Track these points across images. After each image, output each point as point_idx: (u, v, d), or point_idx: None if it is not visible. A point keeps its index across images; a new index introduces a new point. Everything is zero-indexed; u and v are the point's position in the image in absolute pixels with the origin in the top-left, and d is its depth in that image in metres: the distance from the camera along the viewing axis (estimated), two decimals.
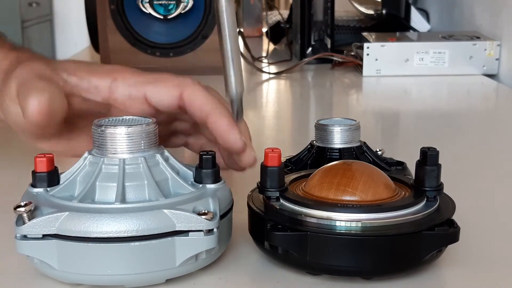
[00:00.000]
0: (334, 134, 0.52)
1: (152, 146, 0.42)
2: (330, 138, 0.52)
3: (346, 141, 0.52)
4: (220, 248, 0.41)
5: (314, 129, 0.53)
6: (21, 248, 0.38)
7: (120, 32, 1.18)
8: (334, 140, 0.52)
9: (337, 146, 0.52)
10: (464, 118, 0.95)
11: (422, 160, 0.42)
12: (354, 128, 0.52)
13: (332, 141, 0.52)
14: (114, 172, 0.40)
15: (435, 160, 0.42)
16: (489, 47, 1.21)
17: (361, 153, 0.52)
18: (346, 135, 0.52)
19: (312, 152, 0.52)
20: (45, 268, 0.39)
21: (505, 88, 1.13)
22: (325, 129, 0.52)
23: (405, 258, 0.39)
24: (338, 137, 0.52)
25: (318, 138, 0.53)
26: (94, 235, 0.37)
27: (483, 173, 0.65)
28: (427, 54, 1.21)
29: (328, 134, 0.52)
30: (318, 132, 0.53)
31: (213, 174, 0.42)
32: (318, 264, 0.40)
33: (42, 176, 0.41)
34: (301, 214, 0.40)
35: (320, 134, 0.53)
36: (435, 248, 0.40)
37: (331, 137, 0.52)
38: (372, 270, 0.40)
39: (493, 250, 0.46)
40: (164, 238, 0.38)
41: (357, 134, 0.53)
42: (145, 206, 0.39)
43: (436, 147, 0.42)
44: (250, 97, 1.15)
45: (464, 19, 1.44)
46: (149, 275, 0.39)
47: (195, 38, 1.19)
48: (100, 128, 0.41)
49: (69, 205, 0.39)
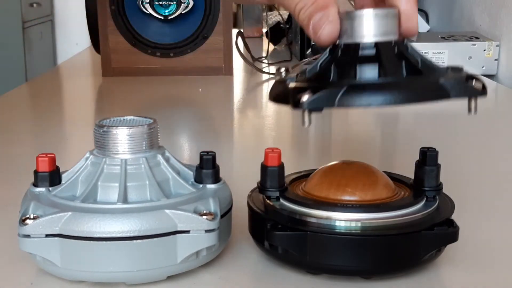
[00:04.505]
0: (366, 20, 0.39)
1: (153, 146, 0.43)
2: (360, 28, 0.39)
3: (383, 32, 0.39)
4: (220, 245, 0.42)
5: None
6: (24, 246, 0.39)
7: (120, 33, 1.18)
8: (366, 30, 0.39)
9: (372, 40, 0.39)
10: (463, 118, 0.95)
11: (422, 160, 0.43)
12: (393, 14, 0.40)
13: (364, 33, 0.39)
14: (116, 172, 0.41)
15: (434, 160, 0.42)
16: (488, 48, 1.21)
17: (405, 49, 0.40)
18: (383, 24, 0.39)
19: (336, 53, 0.40)
20: (47, 265, 0.40)
21: (504, 89, 1.13)
22: (353, 16, 0.39)
23: (405, 258, 0.40)
24: (373, 26, 0.39)
25: (343, 32, 0.40)
26: (97, 235, 0.37)
27: (482, 173, 0.65)
28: (426, 55, 1.21)
29: (357, 24, 0.39)
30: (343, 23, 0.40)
31: (213, 174, 0.43)
32: (318, 263, 0.40)
33: (44, 175, 0.42)
34: (301, 214, 0.40)
35: (346, 26, 0.40)
36: (434, 248, 0.40)
37: (361, 27, 0.39)
38: (372, 270, 0.40)
39: (492, 250, 0.46)
40: (166, 236, 0.38)
41: (395, 22, 0.40)
42: (147, 207, 0.39)
43: (435, 147, 0.43)
44: (250, 97, 1.15)
45: (463, 19, 1.45)
46: (151, 272, 0.39)
47: (196, 39, 1.19)
48: (102, 128, 0.42)
49: (72, 205, 0.39)
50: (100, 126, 0.42)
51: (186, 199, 0.40)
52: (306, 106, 0.36)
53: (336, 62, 0.40)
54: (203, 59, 1.20)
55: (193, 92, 1.11)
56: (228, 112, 0.99)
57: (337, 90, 0.36)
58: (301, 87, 0.38)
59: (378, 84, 0.37)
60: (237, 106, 1.06)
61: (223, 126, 0.91)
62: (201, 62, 1.20)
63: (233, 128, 0.92)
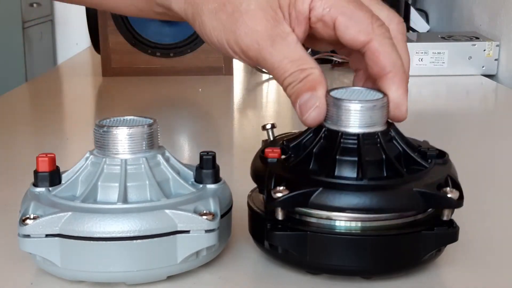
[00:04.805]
0: (352, 113, 0.39)
1: (153, 146, 0.43)
2: (346, 118, 0.39)
3: (369, 123, 0.39)
4: (220, 245, 0.42)
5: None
6: (24, 246, 0.39)
7: (120, 33, 1.18)
8: (351, 121, 0.39)
9: (355, 131, 0.39)
10: (463, 118, 0.95)
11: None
12: (381, 105, 0.40)
13: (349, 123, 0.39)
14: (116, 172, 0.41)
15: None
16: (488, 48, 1.21)
17: (388, 140, 0.40)
18: (368, 116, 0.39)
19: (319, 136, 0.41)
20: (47, 265, 0.40)
21: (504, 89, 1.13)
22: (340, 105, 0.39)
23: (405, 258, 0.40)
24: (358, 117, 0.39)
25: (328, 117, 0.40)
26: (97, 235, 0.37)
27: (482, 173, 0.65)
28: (426, 55, 1.21)
29: (343, 113, 0.39)
30: (329, 108, 0.40)
31: (213, 174, 0.43)
32: (318, 263, 0.40)
33: (44, 175, 0.42)
34: (301, 214, 0.40)
35: (332, 112, 0.40)
36: (435, 248, 0.40)
37: (347, 116, 0.39)
38: (372, 270, 0.40)
39: (492, 250, 0.46)
40: (166, 236, 0.38)
41: (383, 113, 0.40)
42: (147, 207, 0.39)
43: (435, 147, 0.43)
44: (250, 97, 1.15)
45: (463, 19, 1.45)
46: (151, 272, 0.39)
47: (196, 39, 1.19)
48: (102, 128, 0.42)
49: (72, 205, 0.39)
50: (100, 126, 0.42)
51: (186, 199, 0.40)
52: (279, 204, 0.39)
53: (318, 147, 0.41)
54: (203, 59, 1.20)
55: (193, 92, 1.11)
56: (228, 112, 0.99)
57: (312, 190, 0.38)
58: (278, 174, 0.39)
59: (354, 185, 0.39)
60: (237, 106, 1.06)
61: (223, 126, 0.91)
62: (201, 62, 1.19)
63: (233, 128, 0.92)
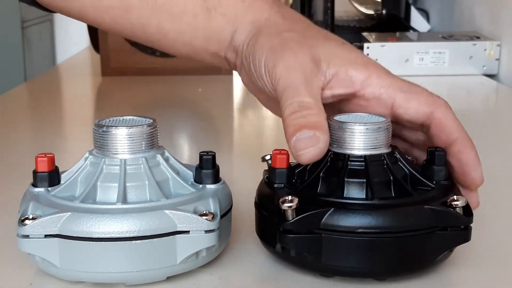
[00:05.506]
0: (357, 135, 0.41)
1: (152, 146, 0.42)
2: (351, 140, 0.41)
3: (374, 145, 0.41)
4: (220, 245, 0.42)
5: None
6: (23, 246, 0.38)
7: None
8: (356, 143, 0.41)
9: (361, 153, 0.41)
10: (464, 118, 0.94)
11: (430, 159, 0.42)
12: (385, 127, 0.41)
13: (354, 145, 0.41)
14: (115, 172, 0.41)
15: (442, 159, 0.42)
16: (489, 47, 1.21)
17: (394, 162, 0.41)
18: (374, 137, 0.41)
19: (326, 160, 0.41)
20: (46, 265, 0.39)
21: (505, 88, 1.13)
22: (345, 127, 0.41)
23: (418, 259, 0.39)
24: (363, 139, 0.40)
25: (334, 140, 0.41)
26: (96, 235, 0.37)
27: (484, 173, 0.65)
28: (427, 54, 1.21)
29: (348, 135, 0.41)
30: (334, 132, 0.41)
31: (213, 175, 0.43)
32: (332, 265, 0.39)
33: (43, 176, 0.41)
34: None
35: (337, 135, 0.41)
36: (448, 248, 0.40)
37: (352, 139, 0.41)
38: (386, 271, 0.40)
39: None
40: (165, 237, 0.38)
41: (387, 135, 0.41)
42: (147, 207, 0.39)
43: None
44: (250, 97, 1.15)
45: (464, 19, 1.44)
46: (150, 272, 0.39)
47: None
48: (102, 128, 0.41)
49: (71, 206, 0.39)
50: (100, 126, 0.42)
51: (186, 199, 0.40)
52: (291, 226, 0.38)
53: (325, 170, 0.41)
54: None
55: (193, 92, 1.11)
56: (228, 112, 0.99)
57: (324, 211, 0.38)
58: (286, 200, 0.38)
59: (366, 205, 0.39)
60: (237, 106, 1.06)
61: (223, 126, 0.91)
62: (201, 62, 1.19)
63: (233, 128, 0.91)
